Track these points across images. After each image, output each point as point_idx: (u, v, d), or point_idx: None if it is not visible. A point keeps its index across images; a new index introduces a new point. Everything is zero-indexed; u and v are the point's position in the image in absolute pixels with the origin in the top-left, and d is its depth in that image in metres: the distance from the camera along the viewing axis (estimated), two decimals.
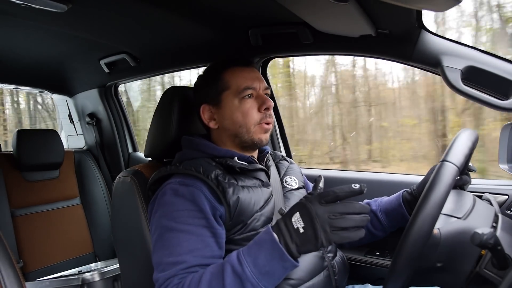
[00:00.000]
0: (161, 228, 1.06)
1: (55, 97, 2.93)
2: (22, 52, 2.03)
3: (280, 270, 0.90)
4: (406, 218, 1.27)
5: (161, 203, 1.10)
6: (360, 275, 1.62)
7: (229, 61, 1.28)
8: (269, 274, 0.90)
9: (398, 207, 1.30)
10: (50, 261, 2.30)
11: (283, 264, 0.89)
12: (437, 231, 0.99)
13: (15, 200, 2.27)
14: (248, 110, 1.21)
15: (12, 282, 0.69)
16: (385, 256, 1.61)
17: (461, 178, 1.21)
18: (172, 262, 0.99)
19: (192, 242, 1.02)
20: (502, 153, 1.26)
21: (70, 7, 1.34)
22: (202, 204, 1.06)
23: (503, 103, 1.18)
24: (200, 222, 1.05)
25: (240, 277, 0.90)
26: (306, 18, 1.31)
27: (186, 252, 1.00)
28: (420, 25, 1.27)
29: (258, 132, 1.22)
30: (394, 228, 1.35)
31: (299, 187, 1.35)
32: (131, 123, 2.79)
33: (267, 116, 1.22)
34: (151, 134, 1.42)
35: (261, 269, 0.90)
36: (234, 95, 1.22)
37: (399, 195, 1.33)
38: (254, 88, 1.22)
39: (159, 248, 1.04)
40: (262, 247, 0.91)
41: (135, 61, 2.07)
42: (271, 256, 0.89)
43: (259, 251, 0.91)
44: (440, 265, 0.98)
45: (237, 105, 1.21)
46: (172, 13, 1.47)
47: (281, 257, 0.88)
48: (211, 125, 1.27)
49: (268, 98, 1.23)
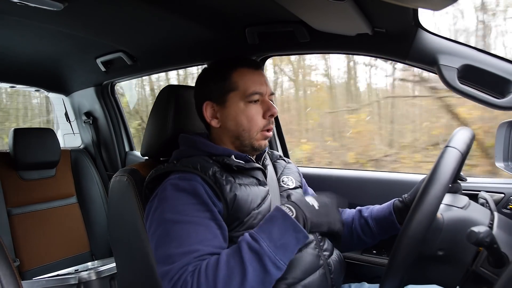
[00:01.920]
0: (165, 223, 1.04)
1: (51, 95, 2.92)
2: (18, 50, 2.02)
3: (293, 242, 0.95)
4: (396, 226, 1.26)
5: (162, 199, 1.08)
6: (357, 273, 1.63)
7: (239, 61, 1.27)
8: (284, 247, 0.94)
9: (388, 215, 1.28)
10: (46, 260, 2.29)
11: (296, 236, 0.94)
12: (440, 216, 1.00)
13: (12, 199, 2.26)
14: (254, 116, 1.21)
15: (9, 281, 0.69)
16: (381, 254, 1.62)
17: (453, 186, 1.20)
18: (183, 252, 0.97)
19: (201, 232, 1.01)
20: (498, 151, 1.27)
21: (66, 5, 1.33)
22: (204, 197, 1.06)
23: (499, 101, 1.19)
24: (205, 214, 1.05)
25: (258, 252, 0.92)
26: (303, 17, 1.31)
27: (197, 242, 0.99)
28: (416, 23, 1.27)
29: (260, 139, 1.23)
30: (383, 236, 1.33)
31: (296, 186, 1.35)
32: (127, 122, 2.78)
33: (270, 122, 1.23)
34: (148, 132, 1.42)
35: (276, 242, 0.93)
36: (241, 97, 1.21)
37: (390, 203, 1.32)
38: (261, 93, 1.22)
39: (165, 242, 1.01)
40: (275, 222, 0.96)
41: (131, 60, 2.06)
42: (285, 229, 0.94)
43: (272, 226, 0.95)
44: (442, 254, 0.98)
45: (243, 108, 1.21)
46: (169, 12, 1.46)
47: (295, 228, 0.94)
48: (213, 124, 1.26)
49: (273, 105, 1.23)
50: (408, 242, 0.87)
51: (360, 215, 1.37)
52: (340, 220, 1.08)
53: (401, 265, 0.88)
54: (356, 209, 1.41)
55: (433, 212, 0.88)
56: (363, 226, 1.35)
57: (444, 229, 0.98)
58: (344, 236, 1.38)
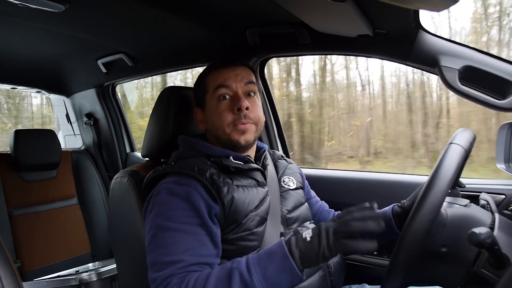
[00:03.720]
0: (156, 228, 1.05)
1: (52, 97, 2.92)
2: (19, 52, 2.03)
3: (287, 283, 0.92)
4: (394, 231, 1.24)
5: (156, 202, 1.09)
6: (358, 274, 1.62)
7: (214, 63, 1.28)
8: (276, 286, 0.91)
9: (387, 220, 1.26)
10: (47, 261, 2.29)
11: (291, 278, 0.91)
12: (444, 211, 1.00)
13: (13, 200, 2.26)
14: (222, 111, 1.20)
15: (10, 282, 0.69)
16: (382, 255, 1.61)
17: (452, 191, 1.20)
18: (168, 262, 0.98)
19: (188, 241, 1.01)
20: (499, 152, 1.27)
21: (68, 7, 1.34)
22: (197, 203, 1.05)
23: (500, 102, 1.18)
24: (195, 221, 1.04)
25: (248, 286, 0.90)
26: (304, 18, 1.31)
27: (182, 252, 0.99)
28: (417, 25, 1.27)
29: (234, 134, 1.19)
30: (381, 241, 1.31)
31: (297, 187, 1.35)
32: (128, 123, 2.79)
33: (242, 117, 1.18)
34: (148, 134, 1.42)
35: (269, 280, 0.90)
36: (212, 96, 1.22)
37: (389, 208, 1.30)
38: (227, 86, 1.21)
39: (154, 247, 1.03)
40: (273, 259, 0.92)
41: (132, 61, 2.06)
42: (281, 269, 0.90)
43: (269, 262, 0.92)
44: (445, 250, 0.98)
45: (214, 106, 1.22)
46: (170, 13, 1.46)
47: (291, 271, 0.90)
48: (200, 127, 1.30)
49: (242, 98, 1.19)
50: (410, 241, 0.87)
51: None
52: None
53: (402, 266, 0.88)
54: None
55: (436, 208, 0.88)
56: None
57: (448, 225, 0.99)
58: None
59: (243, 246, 1.10)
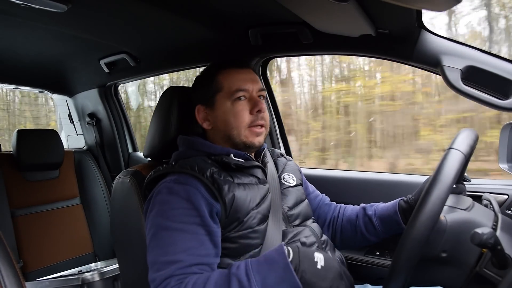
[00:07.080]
0: (155, 227, 1.05)
1: (55, 97, 2.93)
2: (22, 52, 2.03)
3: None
4: (400, 225, 1.25)
5: (156, 202, 1.09)
6: (360, 275, 1.62)
7: (224, 63, 1.29)
8: None
9: (393, 214, 1.27)
10: (50, 261, 2.30)
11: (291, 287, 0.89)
12: (443, 217, 1.00)
13: (15, 200, 2.26)
14: (240, 112, 1.21)
15: (12, 282, 0.69)
16: (385, 256, 1.61)
17: (457, 187, 1.20)
18: (167, 261, 0.98)
19: (187, 240, 1.02)
20: (502, 152, 1.26)
21: (70, 7, 1.34)
22: (197, 202, 1.06)
23: (503, 102, 1.18)
24: (194, 220, 1.04)
25: None
26: (306, 18, 1.30)
27: (181, 251, 0.99)
28: (420, 24, 1.27)
29: (249, 135, 1.21)
30: (387, 234, 1.32)
31: (297, 184, 1.35)
32: (131, 123, 2.79)
33: (259, 118, 1.21)
34: (151, 134, 1.42)
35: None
36: (227, 97, 1.22)
37: (395, 202, 1.30)
38: (246, 90, 1.22)
39: (153, 247, 1.04)
40: (274, 268, 0.90)
41: (135, 61, 2.07)
42: (281, 280, 0.89)
43: (269, 271, 0.90)
44: (445, 256, 0.98)
45: (230, 107, 1.22)
46: (172, 13, 1.47)
47: (292, 283, 0.88)
48: (205, 126, 1.29)
49: (260, 100, 1.23)
50: (411, 243, 0.87)
51: (364, 212, 1.36)
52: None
53: (404, 267, 0.88)
54: (360, 206, 1.39)
55: (436, 214, 0.87)
56: (367, 224, 1.34)
57: (447, 231, 0.98)
58: (347, 233, 1.38)
59: (245, 244, 1.10)
